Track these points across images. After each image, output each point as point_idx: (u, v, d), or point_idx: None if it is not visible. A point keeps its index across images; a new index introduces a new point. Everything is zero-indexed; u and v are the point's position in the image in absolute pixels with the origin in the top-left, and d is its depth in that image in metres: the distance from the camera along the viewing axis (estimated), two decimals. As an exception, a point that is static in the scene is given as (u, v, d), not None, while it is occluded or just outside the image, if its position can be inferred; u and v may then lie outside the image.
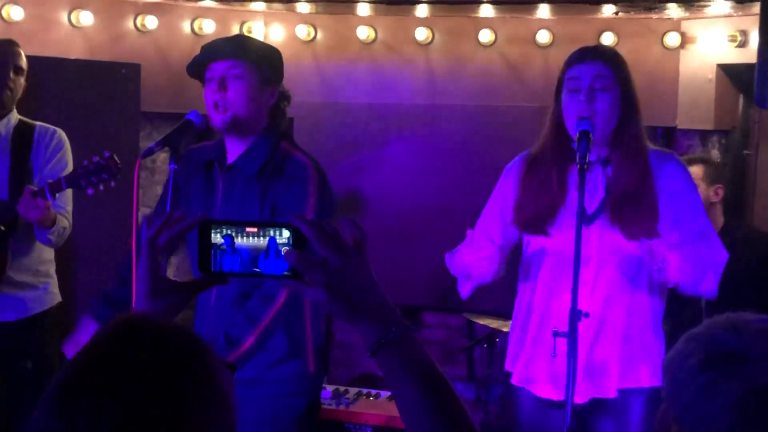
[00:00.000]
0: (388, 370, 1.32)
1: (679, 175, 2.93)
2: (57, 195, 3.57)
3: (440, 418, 1.29)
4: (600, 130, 2.84)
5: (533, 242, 3.02)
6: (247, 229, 1.37)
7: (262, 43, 3.14)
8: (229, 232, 1.37)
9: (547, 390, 2.95)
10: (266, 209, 2.93)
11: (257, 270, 1.37)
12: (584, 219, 2.86)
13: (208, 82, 2.99)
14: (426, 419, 1.28)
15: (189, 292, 1.48)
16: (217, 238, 1.38)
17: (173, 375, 1.08)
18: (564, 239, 2.86)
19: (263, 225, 1.37)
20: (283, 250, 1.35)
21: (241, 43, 3.06)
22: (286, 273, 1.36)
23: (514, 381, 3.05)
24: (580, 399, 2.85)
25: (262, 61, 3.00)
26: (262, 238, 1.37)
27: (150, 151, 2.80)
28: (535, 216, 2.92)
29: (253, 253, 1.37)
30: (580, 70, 2.89)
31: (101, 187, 3.50)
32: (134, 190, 2.78)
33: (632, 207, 2.85)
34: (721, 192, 4.29)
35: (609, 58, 2.92)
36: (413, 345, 1.33)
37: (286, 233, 1.36)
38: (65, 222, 3.74)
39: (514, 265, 3.14)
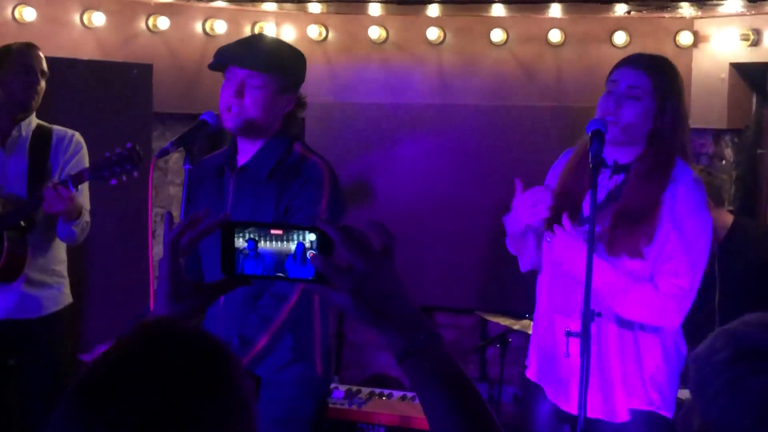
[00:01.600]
0: (415, 377, 1.29)
1: (686, 198, 2.80)
2: (78, 188, 3.63)
3: (467, 424, 1.27)
4: (619, 136, 2.79)
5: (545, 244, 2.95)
6: (272, 232, 1.33)
7: (288, 48, 3.07)
8: (252, 236, 1.34)
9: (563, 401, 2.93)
10: (280, 211, 2.92)
11: (281, 274, 1.33)
12: (579, 220, 2.83)
13: (226, 80, 2.97)
14: (453, 425, 1.27)
15: (210, 294, 1.44)
16: (239, 240, 1.34)
17: (195, 380, 1.07)
18: (557, 243, 2.81)
19: (288, 228, 1.33)
20: (309, 254, 1.31)
21: (266, 52, 2.98)
22: (311, 277, 1.32)
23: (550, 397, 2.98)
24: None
25: (284, 70, 2.97)
26: (286, 242, 1.33)
27: (164, 152, 2.78)
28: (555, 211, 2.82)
29: (277, 257, 1.33)
30: (620, 73, 2.85)
31: (124, 178, 3.54)
32: (149, 190, 2.78)
33: (628, 229, 2.76)
34: (729, 217, 4.14)
35: (650, 68, 2.84)
36: (440, 352, 1.30)
37: (311, 236, 1.32)
38: (87, 216, 3.80)
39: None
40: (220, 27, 5.51)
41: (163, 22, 5.37)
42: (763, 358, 1.20)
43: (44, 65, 3.87)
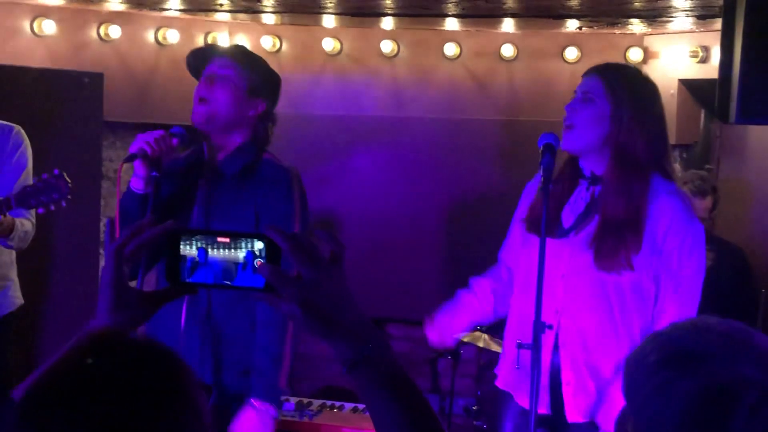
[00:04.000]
0: (363, 386, 1.29)
1: (675, 210, 2.77)
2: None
3: None
4: (575, 142, 2.81)
5: (523, 254, 2.96)
6: (219, 240, 1.31)
7: (264, 61, 3.14)
8: (201, 243, 1.31)
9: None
10: (250, 212, 2.92)
11: (228, 282, 1.31)
12: (558, 232, 2.84)
13: (202, 78, 3.03)
14: None
15: (154, 303, 1.41)
16: (186, 248, 1.32)
17: (147, 391, 1.05)
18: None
19: (236, 235, 1.31)
20: (256, 262, 1.29)
21: (242, 51, 3.17)
22: (260, 286, 1.30)
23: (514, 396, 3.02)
24: (581, 418, 2.85)
25: (255, 71, 3.03)
26: (234, 250, 1.30)
27: (132, 157, 2.79)
28: (536, 218, 2.82)
29: (224, 265, 1.30)
30: (579, 86, 2.88)
31: (52, 207, 3.44)
32: (117, 193, 2.79)
33: (615, 239, 2.74)
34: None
35: (604, 72, 2.85)
36: (389, 361, 1.29)
37: (259, 245, 1.29)
38: (28, 225, 3.70)
39: None
40: (172, 36, 5.47)
41: (114, 31, 5.32)
42: (690, 359, 1.19)
43: None
